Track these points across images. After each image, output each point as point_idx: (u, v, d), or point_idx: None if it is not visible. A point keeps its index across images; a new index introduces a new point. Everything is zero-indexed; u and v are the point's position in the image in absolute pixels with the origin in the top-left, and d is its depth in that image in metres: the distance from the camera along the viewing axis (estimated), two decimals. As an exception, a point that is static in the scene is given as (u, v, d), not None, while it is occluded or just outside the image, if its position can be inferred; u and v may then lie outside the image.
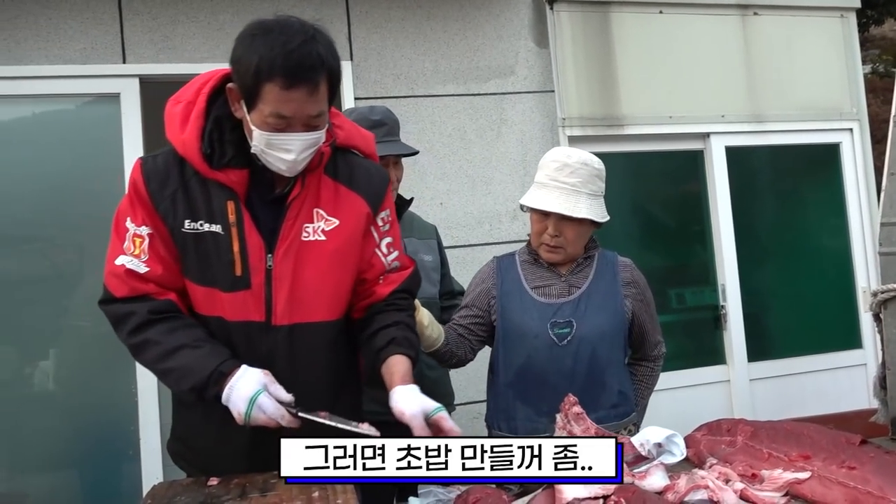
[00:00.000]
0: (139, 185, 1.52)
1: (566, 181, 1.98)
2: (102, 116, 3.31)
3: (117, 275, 1.52)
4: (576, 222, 1.98)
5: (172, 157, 1.54)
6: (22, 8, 3.22)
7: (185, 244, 1.52)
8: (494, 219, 3.68)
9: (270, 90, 1.40)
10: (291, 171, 1.51)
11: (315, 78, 1.41)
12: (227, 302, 1.52)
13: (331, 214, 1.57)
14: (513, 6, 3.81)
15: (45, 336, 3.24)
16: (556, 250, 2.02)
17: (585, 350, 1.98)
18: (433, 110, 3.67)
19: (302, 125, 1.45)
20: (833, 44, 4.34)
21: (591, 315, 2.00)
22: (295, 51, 1.39)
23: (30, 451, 3.17)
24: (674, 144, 4.09)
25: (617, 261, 2.12)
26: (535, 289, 2.04)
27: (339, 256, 1.57)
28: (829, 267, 4.35)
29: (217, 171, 1.50)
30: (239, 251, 1.50)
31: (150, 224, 1.52)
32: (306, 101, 1.42)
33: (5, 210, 3.23)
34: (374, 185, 1.64)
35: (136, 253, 1.51)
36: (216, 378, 1.44)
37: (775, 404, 4.02)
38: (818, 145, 4.34)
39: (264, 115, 1.43)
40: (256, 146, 1.48)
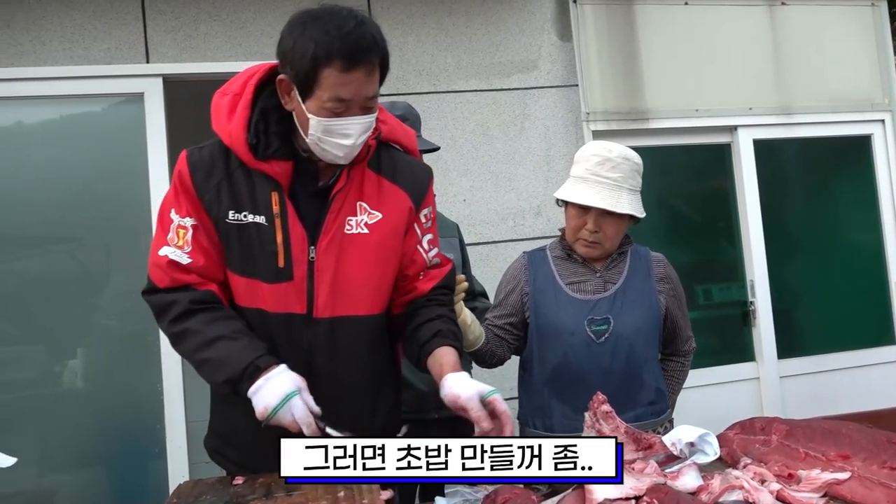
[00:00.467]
0: (184, 175, 1.53)
1: (608, 176, 1.96)
2: (126, 116, 3.33)
3: (160, 265, 1.53)
4: (616, 218, 1.96)
5: (218, 148, 1.55)
6: (47, 9, 3.25)
7: (229, 235, 1.52)
8: (518, 215, 3.65)
9: (329, 74, 1.41)
10: (348, 157, 1.50)
11: (372, 59, 1.43)
12: (269, 293, 1.52)
13: (374, 208, 1.57)
14: (535, 0, 3.77)
15: (73, 335, 3.27)
16: (594, 245, 2.00)
17: (623, 347, 1.95)
18: (455, 106, 3.64)
19: (359, 108, 1.46)
20: (864, 34, 4.24)
21: (628, 311, 1.98)
22: (351, 33, 1.41)
23: (57, 449, 3.20)
24: (700, 138, 4.02)
25: (650, 256, 2.10)
26: (570, 285, 2.01)
27: (382, 250, 1.57)
28: (861, 261, 4.25)
29: (262, 161, 1.50)
30: (282, 242, 1.50)
31: (194, 215, 1.53)
32: (364, 82, 1.43)
33: (33, 210, 3.26)
34: (417, 181, 1.64)
35: (179, 244, 1.52)
36: (251, 372, 1.44)
37: (806, 402, 3.94)
38: (848, 137, 4.24)
39: (322, 101, 1.43)
40: (313, 134, 1.47)
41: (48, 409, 3.21)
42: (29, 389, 3.21)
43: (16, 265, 3.26)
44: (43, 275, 3.27)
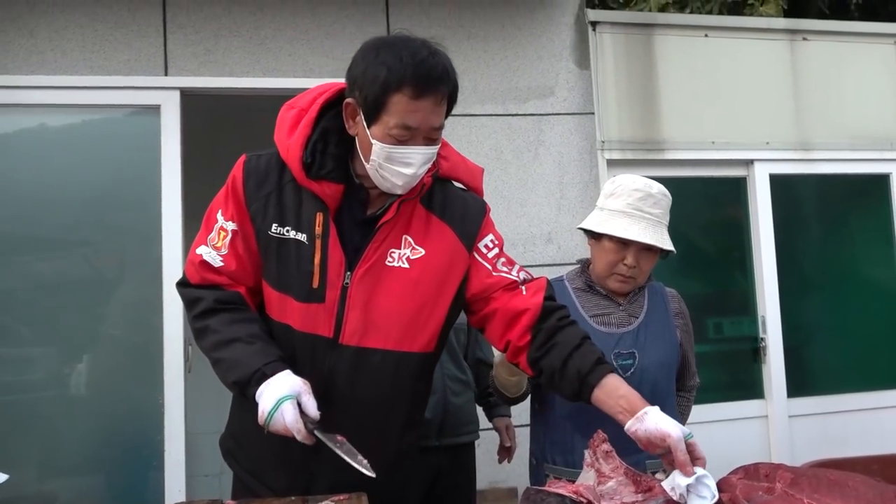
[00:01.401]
0: (237, 181, 1.54)
1: (651, 212, 1.96)
2: (143, 127, 3.36)
3: (193, 263, 1.56)
4: (654, 253, 1.97)
5: (276, 159, 1.55)
6: (70, 19, 3.29)
7: (269, 247, 1.53)
8: (529, 241, 3.63)
9: (399, 101, 1.41)
10: (406, 187, 1.49)
11: (442, 89, 1.44)
12: (299, 312, 1.51)
13: (418, 243, 1.55)
14: (554, 27, 3.77)
15: (81, 340, 3.28)
16: (629, 281, 1.99)
17: (647, 381, 1.92)
18: (470, 129, 3.64)
19: (423, 138, 1.46)
20: (885, 72, 4.21)
21: (651, 346, 1.97)
22: (425, 61, 1.42)
23: (57, 453, 3.21)
24: (716, 171, 3.99)
25: (665, 291, 2.11)
26: (594, 317, 1.99)
27: (420, 286, 1.54)
28: (876, 302, 4.19)
29: (313, 181, 1.50)
30: (319, 263, 1.49)
31: (237, 220, 1.54)
32: (432, 111, 1.44)
33: (48, 215, 3.29)
34: (468, 216, 1.61)
35: (217, 245, 1.54)
36: (258, 377, 1.43)
37: (815, 443, 3.87)
38: (866, 176, 4.20)
39: (388, 127, 1.43)
40: (375, 160, 1.46)
41: (51, 412, 3.22)
42: (34, 392, 3.22)
43: (31, 267, 3.29)
44: (55, 278, 3.29)
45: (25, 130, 3.35)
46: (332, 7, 3.53)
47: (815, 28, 4.20)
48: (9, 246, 3.26)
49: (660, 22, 4.05)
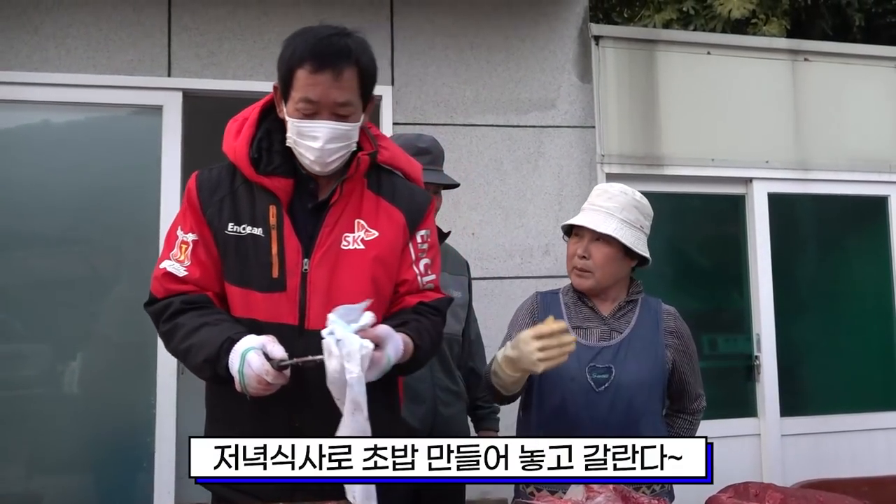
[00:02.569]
0: (192, 192, 1.60)
1: (601, 204, 2.01)
2: (145, 127, 3.36)
3: (157, 278, 1.59)
4: (604, 245, 1.98)
5: (226, 169, 1.63)
6: (75, 18, 3.30)
7: (227, 246, 1.57)
8: (526, 252, 3.63)
9: (300, 76, 1.50)
10: (320, 161, 1.55)
11: (340, 64, 1.50)
12: (262, 303, 1.55)
13: (371, 226, 1.61)
14: (558, 40, 3.79)
15: (75, 338, 3.27)
16: (584, 274, 2.00)
17: (622, 398, 1.92)
18: (471, 139, 3.65)
19: (329, 112, 1.52)
20: (885, 94, 4.23)
21: (631, 362, 1.95)
22: (325, 39, 1.51)
23: (47, 451, 3.19)
24: (715, 188, 4.00)
25: (661, 308, 2.08)
26: (576, 329, 1.99)
27: (377, 266, 1.59)
28: (871, 323, 4.19)
29: (263, 176, 1.57)
30: (277, 253, 1.54)
31: (196, 230, 1.59)
32: (331, 85, 1.50)
33: (47, 212, 3.29)
34: (415, 203, 1.68)
35: (180, 258, 1.58)
36: (226, 347, 1.46)
37: (807, 462, 3.86)
38: (864, 197, 4.21)
39: (295, 102, 1.52)
40: (290, 137, 1.55)
41: (42, 410, 3.21)
42: (26, 388, 3.21)
43: (28, 263, 3.29)
44: (52, 276, 3.29)
45: (27, 127, 3.35)
46: (337, 13, 3.54)
47: (817, 49, 4.21)
48: (6, 242, 3.25)
49: (663, 38, 4.07)
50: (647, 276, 2.22)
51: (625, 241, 1.97)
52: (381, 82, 3.53)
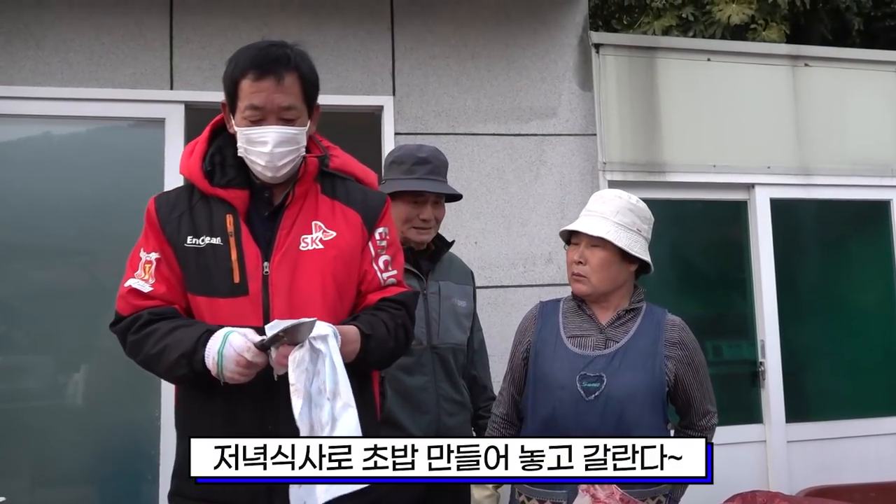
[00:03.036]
0: (151, 212, 1.66)
1: (597, 209, 2.03)
2: (147, 140, 3.37)
3: (122, 296, 1.64)
4: (599, 249, 1.98)
5: (183, 190, 1.70)
6: (77, 32, 3.31)
7: (188, 259, 1.61)
8: (529, 261, 3.63)
9: (244, 86, 1.59)
10: (271, 165, 1.60)
11: (280, 70, 1.58)
12: (227, 309, 1.58)
13: (329, 227, 1.66)
14: (558, 48, 3.80)
15: (78, 350, 3.27)
16: (580, 279, 2.01)
17: (613, 409, 1.89)
18: (473, 148, 3.65)
19: (275, 117, 1.59)
20: (886, 99, 4.23)
21: (625, 372, 1.92)
22: (263, 49, 1.61)
23: (51, 463, 3.19)
24: (717, 194, 4.00)
25: (665, 319, 2.05)
26: (571, 338, 1.99)
27: (338, 265, 1.63)
28: (875, 328, 4.18)
29: (219, 188, 1.63)
30: (237, 259, 1.58)
31: (158, 248, 1.63)
32: (275, 90, 1.58)
33: (50, 225, 3.30)
34: (370, 203, 1.73)
35: (144, 277, 1.62)
36: (204, 338, 1.49)
37: (813, 469, 3.85)
38: (866, 202, 4.20)
39: (242, 111, 1.59)
40: (241, 147, 1.61)
41: (46, 422, 3.21)
42: (30, 400, 3.21)
43: (31, 275, 3.30)
44: (55, 287, 3.30)
45: (30, 140, 3.36)
46: (337, 25, 3.56)
47: (817, 54, 4.22)
48: (8, 254, 3.26)
49: (663, 45, 4.08)
50: (650, 283, 2.21)
51: (618, 244, 1.96)
52: (382, 92, 3.61)
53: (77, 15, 3.32)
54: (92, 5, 3.33)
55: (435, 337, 2.29)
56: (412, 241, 2.31)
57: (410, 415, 2.21)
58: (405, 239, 2.30)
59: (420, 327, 2.23)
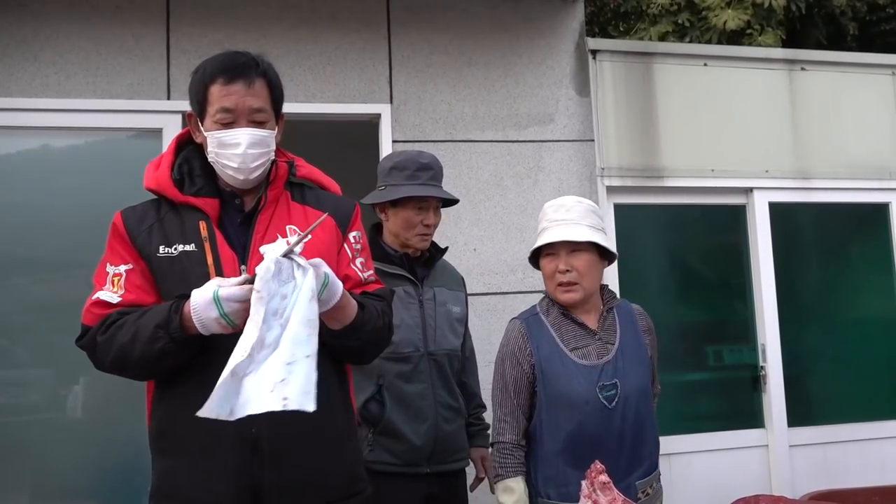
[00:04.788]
0: (118, 226, 1.66)
1: (563, 217, 2.08)
2: (145, 150, 3.36)
3: (88, 308, 1.63)
4: (584, 252, 2.05)
5: (150, 203, 1.70)
6: (74, 44, 3.32)
7: (162, 269, 1.61)
8: (527, 267, 3.58)
9: (214, 90, 1.60)
10: (244, 168, 1.61)
11: (249, 74, 1.61)
12: None
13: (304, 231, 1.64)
14: (555, 55, 3.81)
15: (77, 365, 3.22)
16: (571, 287, 2.04)
17: (630, 408, 2.00)
18: (471, 155, 3.65)
19: (246, 120, 1.61)
20: (882, 102, 4.24)
21: (630, 372, 2.04)
22: (230, 55, 1.65)
23: (51, 477, 3.17)
24: (715, 198, 4.00)
25: (632, 310, 2.18)
26: (574, 350, 2.03)
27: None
28: (876, 331, 4.18)
29: (189, 196, 1.64)
30: (213, 264, 1.58)
31: (128, 260, 1.63)
32: (245, 93, 1.60)
33: (48, 237, 3.29)
34: (340, 208, 1.75)
35: (113, 290, 1.62)
36: (175, 307, 1.48)
37: (816, 473, 3.83)
38: (865, 205, 4.21)
39: (212, 116, 1.61)
40: (212, 151, 1.62)
41: (45, 436, 3.18)
42: (29, 414, 3.19)
43: (29, 288, 3.28)
44: (53, 301, 3.28)
45: (28, 152, 3.36)
46: (335, 34, 3.57)
47: (814, 58, 4.23)
48: (7, 268, 3.25)
49: (660, 51, 4.09)
50: (650, 288, 2.24)
51: (603, 244, 2.06)
52: (379, 100, 3.61)
53: (74, 27, 3.33)
54: (88, 17, 3.34)
55: (432, 343, 2.29)
56: (414, 246, 2.31)
57: (410, 423, 2.21)
58: (407, 245, 2.30)
59: (416, 333, 2.23)
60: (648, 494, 2.01)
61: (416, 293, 2.28)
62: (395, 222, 2.29)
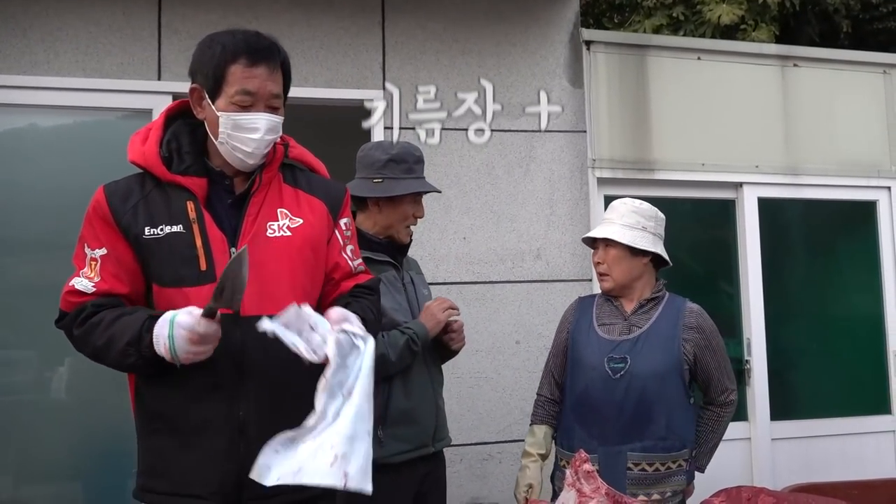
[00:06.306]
0: (101, 203, 1.60)
1: (606, 217, 2.37)
2: (134, 131, 3.31)
3: (64, 295, 1.60)
4: (612, 248, 2.29)
5: (134, 178, 1.64)
6: (64, 21, 3.28)
7: (149, 251, 1.57)
8: (517, 257, 3.63)
9: (235, 70, 1.55)
10: (255, 153, 1.59)
11: (274, 58, 1.59)
12: (195, 296, 1.53)
13: (295, 215, 1.65)
14: (549, 45, 3.80)
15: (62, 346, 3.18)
16: (604, 278, 2.33)
17: (636, 385, 2.18)
18: (462, 144, 3.64)
19: (264, 104, 1.58)
20: (874, 100, 4.26)
21: (646, 354, 2.21)
22: (254, 37, 1.61)
23: (34, 458, 3.17)
24: (705, 192, 4.02)
25: (684, 306, 2.32)
26: (601, 325, 2.30)
27: (305, 251, 1.63)
28: (860, 328, 4.22)
29: (177, 174, 1.59)
30: (202, 245, 1.55)
31: (106, 244, 1.58)
32: (268, 78, 1.58)
33: (34, 217, 3.26)
34: (332, 192, 1.74)
35: (89, 275, 1.58)
36: (148, 324, 1.47)
37: (797, 466, 3.88)
38: (854, 202, 4.24)
39: (230, 96, 1.56)
40: (223, 132, 1.57)
41: (30, 416, 3.18)
42: (14, 394, 3.18)
43: (15, 268, 3.25)
44: (40, 281, 3.25)
45: (15, 131, 3.32)
46: (328, 18, 3.54)
47: (807, 55, 4.24)
48: (-7, 247, 3.23)
49: (654, 43, 4.09)
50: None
51: (622, 241, 2.26)
52: (372, 86, 3.58)
53: (64, 3, 3.28)
54: (79, -6, 3.30)
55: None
56: (402, 239, 2.30)
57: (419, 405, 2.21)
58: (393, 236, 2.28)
59: (409, 316, 2.24)
60: (645, 471, 2.17)
61: (400, 277, 2.29)
62: (389, 215, 2.26)
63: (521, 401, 3.43)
